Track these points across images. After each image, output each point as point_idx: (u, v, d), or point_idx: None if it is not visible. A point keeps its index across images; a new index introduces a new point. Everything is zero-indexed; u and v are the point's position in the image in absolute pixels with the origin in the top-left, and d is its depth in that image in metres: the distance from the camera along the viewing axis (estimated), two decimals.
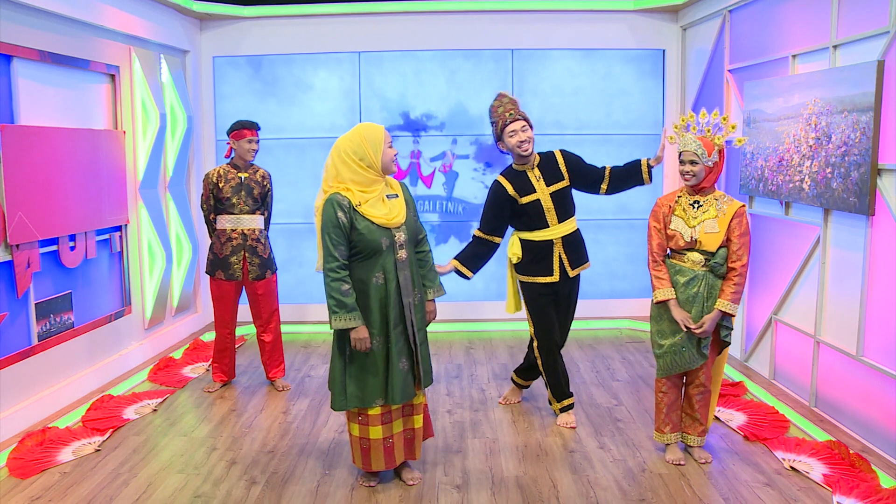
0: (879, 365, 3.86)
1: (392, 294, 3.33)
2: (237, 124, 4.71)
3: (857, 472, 3.55)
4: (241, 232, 4.73)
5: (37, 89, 4.49)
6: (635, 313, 6.73)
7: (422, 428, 3.57)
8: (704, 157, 3.55)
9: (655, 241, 3.68)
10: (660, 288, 3.64)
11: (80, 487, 3.56)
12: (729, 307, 3.54)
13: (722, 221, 3.56)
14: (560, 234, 4.15)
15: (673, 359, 3.65)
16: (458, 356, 5.80)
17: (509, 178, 4.17)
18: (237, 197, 4.71)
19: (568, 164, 4.21)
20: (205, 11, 6.29)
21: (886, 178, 3.80)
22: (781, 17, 4.88)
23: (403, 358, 3.38)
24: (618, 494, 3.46)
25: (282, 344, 5.06)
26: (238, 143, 4.71)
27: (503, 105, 4.14)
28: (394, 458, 3.51)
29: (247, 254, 4.74)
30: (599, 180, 4.21)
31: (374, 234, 3.26)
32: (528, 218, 4.15)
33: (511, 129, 4.05)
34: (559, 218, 4.15)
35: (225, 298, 4.83)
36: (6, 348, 4.15)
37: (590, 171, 4.22)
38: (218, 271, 4.77)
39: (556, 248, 4.16)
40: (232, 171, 4.75)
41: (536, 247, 4.16)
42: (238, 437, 4.18)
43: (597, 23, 6.54)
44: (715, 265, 3.57)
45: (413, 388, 3.44)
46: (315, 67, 6.64)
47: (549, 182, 4.15)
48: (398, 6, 6.47)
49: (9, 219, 4.08)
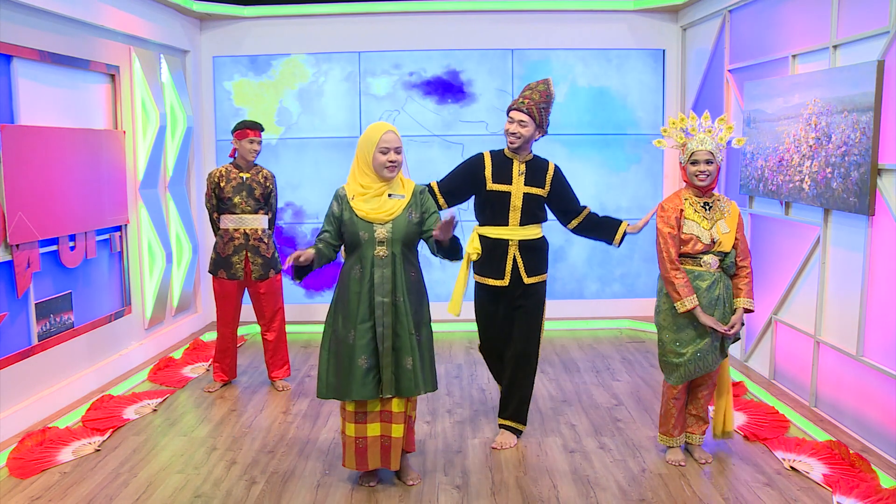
0: (879, 365, 3.86)
1: (365, 289, 3.34)
2: (240, 124, 4.72)
3: (857, 472, 3.55)
4: (244, 231, 4.74)
5: (37, 89, 4.49)
6: (635, 313, 6.73)
7: (401, 439, 3.46)
8: (719, 156, 3.57)
9: (669, 247, 3.56)
10: (686, 296, 3.50)
11: (80, 487, 3.56)
12: (750, 304, 3.61)
13: (731, 221, 3.59)
14: (518, 236, 3.91)
15: (697, 365, 3.60)
16: (458, 356, 5.80)
17: (493, 158, 3.95)
18: (239, 197, 4.71)
19: (554, 181, 3.96)
20: (205, 11, 6.29)
21: (886, 178, 3.80)
22: (781, 17, 4.88)
23: (365, 356, 3.33)
24: (618, 494, 3.46)
25: (286, 344, 5.07)
26: (240, 143, 4.72)
27: (531, 90, 3.89)
28: (366, 460, 3.47)
29: (249, 253, 4.75)
30: (573, 214, 4.01)
31: (354, 227, 3.34)
32: (490, 209, 3.93)
33: (510, 116, 3.88)
34: (522, 220, 3.90)
35: (227, 298, 4.84)
36: (6, 348, 4.15)
37: (569, 201, 4.01)
38: (220, 270, 4.77)
39: (512, 251, 3.90)
40: (234, 171, 4.76)
41: (492, 245, 3.91)
42: (238, 437, 4.18)
43: (597, 23, 6.55)
44: (730, 265, 3.60)
45: (374, 390, 3.35)
46: (315, 67, 6.63)
47: (528, 182, 3.91)
48: (398, 6, 6.47)
49: (9, 219, 4.08)
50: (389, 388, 3.38)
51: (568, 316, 6.68)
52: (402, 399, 3.44)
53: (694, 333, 3.58)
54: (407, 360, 3.37)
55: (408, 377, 3.37)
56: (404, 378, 3.38)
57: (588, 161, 6.56)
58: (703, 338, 3.57)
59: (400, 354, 3.37)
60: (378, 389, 3.37)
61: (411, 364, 3.37)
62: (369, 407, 3.42)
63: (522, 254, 3.91)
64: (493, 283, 3.94)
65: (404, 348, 3.37)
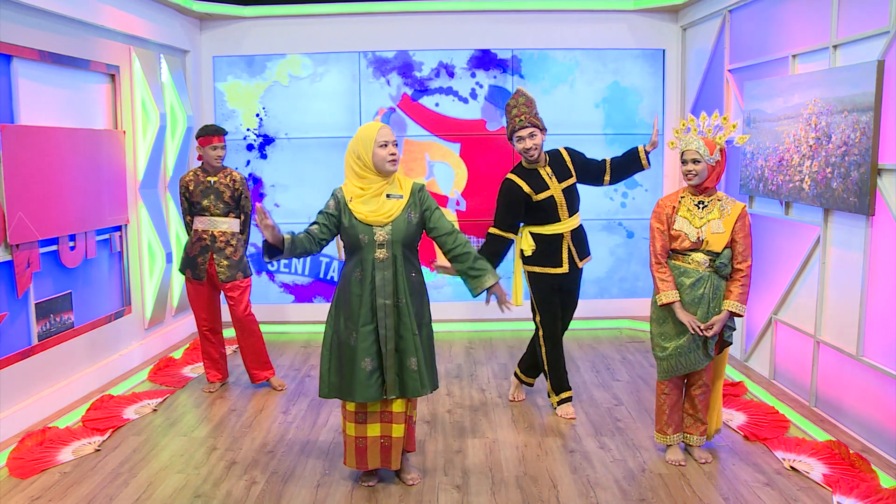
0: (879, 365, 3.86)
1: (366, 292, 3.34)
2: (202, 130, 4.74)
3: (857, 472, 3.55)
4: (212, 234, 4.76)
5: (37, 89, 4.49)
6: (635, 313, 6.73)
7: (401, 438, 3.48)
8: (707, 156, 3.56)
9: (659, 242, 3.66)
10: (665, 290, 3.61)
11: (80, 487, 3.56)
12: (738, 308, 3.56)
13: (727, 222, 3.57)
14: (569, 227, 4.32)
15: (678, 361, 3.64)
16: (458, 356, 5.80)
17: (522, 175, 4.28)
18: (207, 200, 4.75)
19: (574, 161, 4.39)
20: (205, 11, 6.29)
21: (886, 178, 3.80)
22: (781, 17, 4.88)
23: (368, 358, 3.33)
24: (618, 494, 3.46)
25: (263, 344, 4.98)
26: (204, 150, 4.74)
27: (517, 107, 4.24)
28: (366, 460, 3.48)
29: (214, 255, 4.76)
30: (602, 172, 4.42)
31: (354, 230, 3.34)
32: (543, 213, 4.28)
33: (518, 136, 4.21)
34: (569, 212, 4.32)
35: (198, 298, 4.87)
36: (6, 348, 4.15)
37: (592, 166, 4.42)
38: (188, 270, 4.82)
39: (566, 241, 4.31)
40: (202, 175, 4.78)
41: (548, 240, 4.31)
42: (238, 437, 4.18)
43: (597, 23, 6.54)
44: (721, 266, 3.58)
45: (378, 391, 3.36)
46: (315, 67, 6.63)
47: (560, 179, 4.31)
48: (398, 6, 6.47)
49: (9, 219, 4.08)
50: (393, 389, 3.38)
51: None
52: (404, 399, 3.44)
53: (675, 329, 3.63)
54: (411, 361, 3.37)
55: (413, 378, 3.38)
56: (409, 379, 3.38)
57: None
58: (684, 335, 3.61)
59: (404, 355, 3.38)
60: (382, 391, 3.38)
61: (416, 364, 3.37)
62: (370, 407, 3.42)
63: (574, 241, 4.35)
64: (554, 271, 4.33)
65: (408, 349, 3.37)
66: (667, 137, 6.51)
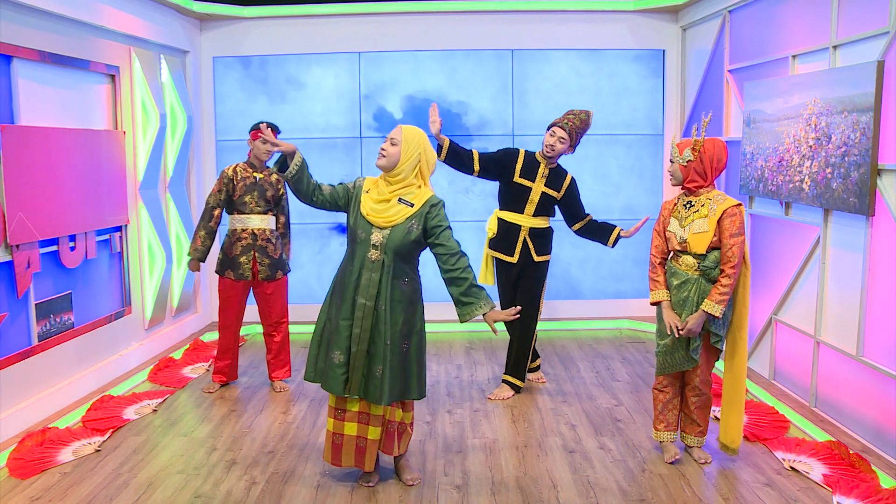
0: (879, 365, 3.86)
1: (350, 288, 3.37)
2: (256, 124, 4.72)
3: (857, 472, 3.55)
4: (252, 231, 4.74)
5: (37, 89, 4.49)
6: (635, 313, 6.73)
7: (377, 441, 3.48)
8: (676, 156, 3.62)
9: (654, 243, 3.74)
10: (654, 290, 3.71)
11: (80, 487, 3.56)
12: (712, 308, 3.47)
13: (711, 221, 3.51)
14: (529, 224, 4.65)
15: (665, 358, 3.69)
16: (458, 356, 5.80)
17: (526, 157, 4.66)
18: (249, 196, 4.72)
19: (568, 189, 4.69)
20: (205, 12, 6.29)
21: (886, 178, 3.80)
22: (781, 18, 4.88)
23: (338, 351, 3.37)
24: (618, 494, 3.46)
25: (289, 345, 5.08)
26: (254, 143, 4.73)
27: (575, 116, 4.61)
28: (340, 458, 3.51)
29: (257, 254, 4.75)
30: (578, 219, 4.75)
31: (356, 224, 3.39)
32: (511, 196, 4.66)
33: (552, 130, 4.58)
34: (535, 212, 4.64)
35: (232, 298, 4.83)
36: (6, 348, 4.15)
37: (577, 207, 4.74)
38: (228, 271, 4.77)
39: (523, 234, 4.65)
40: (248, 170, 4.77)
41: (506, 226, 4.69)
42: (238, 437, 4.18)
43: (597, 23, 6.55)
44: (705, 269, 3.54)
45: (341, 387, 3.38)
46: (315, 68, 6.64)
47: (547, 184, 4.64)
48: (398, 6, 6.48)
49: (9, 219, 4.08)
50: (357, 389, 3.39)
51: (568, 316, 6.68)
52: (391, 405, 3.45)
53: (663, 328, 3.68)
54: (377, 368, 3.36)
55: (375, 385, 3.37)
56: (371, 385, 3.38)
57: (588, 161, 6.55)
58: (669, 335, 3.64)
59: (372, 361, 3.38)
60: (345, 388, 3.39)
61: (380, 373, 3.36)
62: (348, 406, 3.45)
63: (532, 238, 4.66)
64: (504, 258, 4.71)
65: (378, 356, 3.36)
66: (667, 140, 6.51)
